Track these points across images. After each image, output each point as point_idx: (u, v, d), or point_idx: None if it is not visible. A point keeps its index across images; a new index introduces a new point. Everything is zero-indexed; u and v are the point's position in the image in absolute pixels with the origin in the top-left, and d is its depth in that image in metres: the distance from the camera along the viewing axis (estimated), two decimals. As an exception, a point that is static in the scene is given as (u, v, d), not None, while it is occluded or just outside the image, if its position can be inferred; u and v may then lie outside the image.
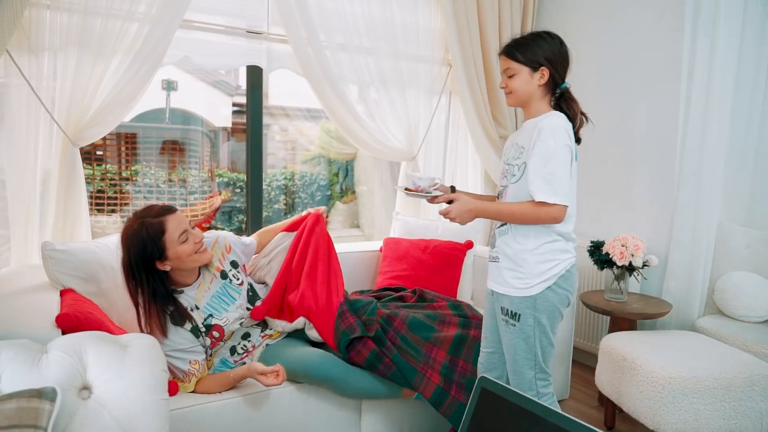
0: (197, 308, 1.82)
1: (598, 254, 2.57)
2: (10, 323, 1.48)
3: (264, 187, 3.45)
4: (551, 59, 1.60)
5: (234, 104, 5.53)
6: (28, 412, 0.87)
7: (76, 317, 1.52)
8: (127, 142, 4.88)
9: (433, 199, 1.71)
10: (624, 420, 2.42)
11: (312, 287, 1.98)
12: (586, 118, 1.69)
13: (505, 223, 1.65)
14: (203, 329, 1.81)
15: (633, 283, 2.71)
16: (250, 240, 2.13)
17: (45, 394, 0.92)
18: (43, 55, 2.12)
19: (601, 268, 2.59)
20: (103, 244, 2.05)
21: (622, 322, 2.51)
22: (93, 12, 2.14)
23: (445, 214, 1.61)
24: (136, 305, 1.71)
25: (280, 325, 2.00)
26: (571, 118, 1.63)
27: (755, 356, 2.13)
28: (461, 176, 3.30)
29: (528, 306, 1.60)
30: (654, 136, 2.83)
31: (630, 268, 2.51)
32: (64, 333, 1.49)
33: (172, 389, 1.67)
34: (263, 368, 1.70)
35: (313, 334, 1.96)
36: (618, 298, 2.55)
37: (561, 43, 1.64)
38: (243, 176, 5.04)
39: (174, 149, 5.12)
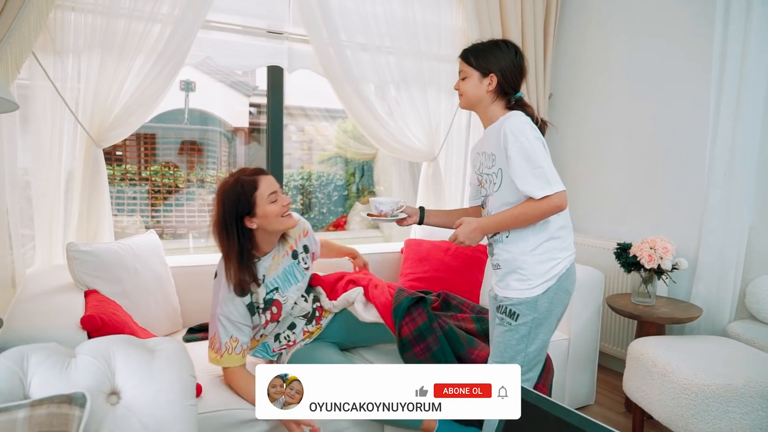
0: (263, 282, 1.80)
1: (625, 257, 2.51)
2: (36, 324, 1.48)
3: (282, 186, 3.44)
4: (503, 68, 1.62)
5: (251, 104, 5.55)
6: (59, 418, 0.86)
7: (100, 319, 1.52)
8: (146, 142, 4.92)
9: (401, 222, 1.78)
10: (653, 427, 2.36)
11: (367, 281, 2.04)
12: (546, 124, 1.70)
13: (497, 233, 1.64)
14: (262, 305, 1.80)
15: (661, 286, 2.65)
16: (319, 239, 2.13)
17: (75, 400, 0.90)
18: (67, 57, 2.13)
19: (628, 271, 2.53)
20: (126, 245, 2.05)
21: (650, 326, 2.44)
22: (116, 13, 2.15)
23: (453, 239, 1.60)
24: (226, 259, 1.74)
25: (328, 303, 2.00)
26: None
27: (792, 363, 2.06)
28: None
29: (528, 307, 1.59)
30: (683, 134, 2.76)
31: (658, 272, 2.45)
32: (89, 334, 1.49)
33: (196, 391, 1.65)
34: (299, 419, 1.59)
35: (360, 309, 1.93)
36: (645, 301, 2.49)
37: (516, 53, 1.65)
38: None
39: (192, 149, 5.15)
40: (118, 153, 4.70)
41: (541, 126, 1.66)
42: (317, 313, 2.00)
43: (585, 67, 3.24)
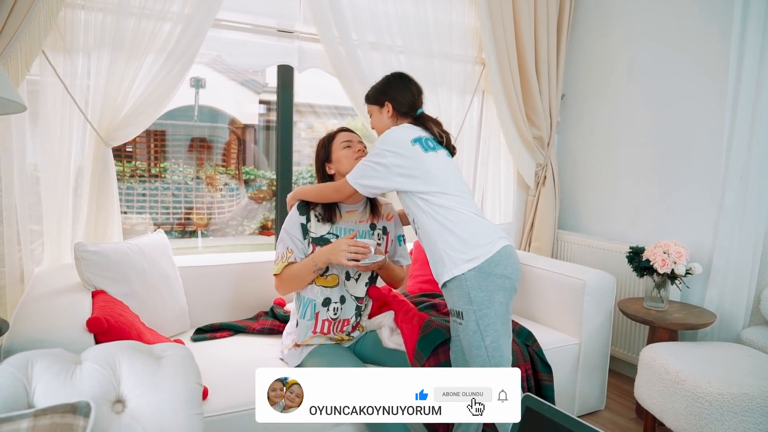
0: (333, 224, 1.92)
1: (638, 261, 2.47)
2: (42, 327, 1.47)
3: (291, 184, 3.42)
4: (392, 95, 1.83)
5: (261, 102, 5.54)
6: (63, 429, 0.84)
7: (107, 321, 1.51)
8: (156, 139, 4.93)
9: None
10: (664, 434, 2.32)
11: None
12: (447, 136, 1.85)
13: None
14: (317, 236, 1.89)
15: (674, 291, 2.60)
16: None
17: (79, 409, 0.89)
18: (77, 56, 2.12)
19: (641, 276, 2.49)
20: (134, 244, 2.04)
21: (662, 332, 2.40)
22: (126, 12, 2.14)
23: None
24: None
25: (366, 320, 2.04)
26: (433, 134, 1.81)
27: (808, 372, 2.01)
28: (493, 177, 3.22)
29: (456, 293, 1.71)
30: (697, 137, 2.71)
31: (672, 276, 2.40)
32: (95, 336, 1.48)
33: (203, 394, 1.64)
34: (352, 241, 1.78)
35: (386, 335, 1.98)
36: (658, 306, 2.45)
37: (401, 77, 1.87)
38: (266, 173, 5.04)
39: (202, 146, 5.15)
40: (128, 149, 4.72)
41: (447, 139, 1.82)
42: (358, 320, 2.00)
43: (598, 68, 3.19)
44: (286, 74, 2.73)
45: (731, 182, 2.48)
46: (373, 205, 2.00)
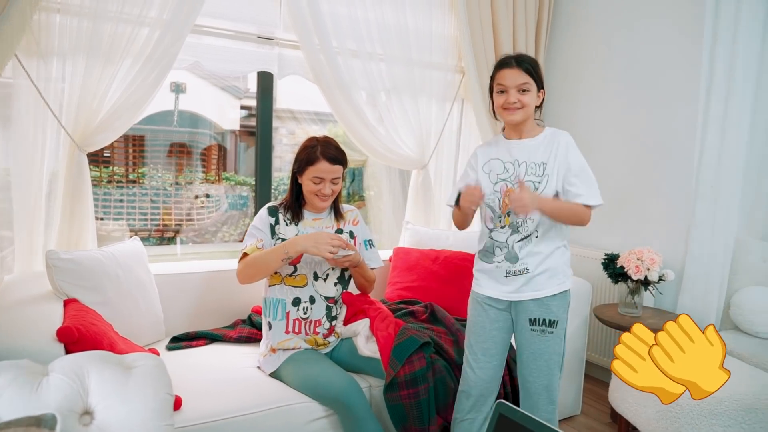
0: (297, 225, 1.96)
1: (613, 267, 2.52)
2: (12, 336, 1.44)
3: (271, 190, 3.40)
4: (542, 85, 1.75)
5: (242, 107, 5.51)
6: (27, 442, 0.83)
7: (78, 330, 1.48)
8: (135, 144, 4.87)
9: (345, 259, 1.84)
10: (638, 439, 2.36)
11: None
12: None
13: (528, 235, 1.71)
14: (284, 239, 1.91)
15: (647, 297, 2.65)
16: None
17: (44, 422, 0.87)
18: (52, 60, 2.09)
19: (616, 282, 2.53)
20: (108, 252, 2.02)
21: (637, 338, 2.44)
22: (103, 16, 2.11)
23: (515, 201, 1.58)
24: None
25: (341, 326, 2.04)
26: None
27: (775, 376, 2.06)
28: (472, 185, 3.25)
29: (561, 303, 1.74)
30: (671, 147, 2.77)
31: (645, 283, 2.45)
32: (66, 346, 1.45)
33: (176, 404, 1.62)
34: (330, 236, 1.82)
35: (361, 343, 1.97)
36: (632, 312, 2.49)
37: None
38: (248, 179, 5.00)
39: (182, 152, 5.10)
40: (106, 154, 4.65)
41: None
42: (332, 323, 2.00)
43: (575, 76, 3.24)
44: (265, 81, 2.73)
45: (702, 191, 2.54)
46: (336, 211, 2.05)
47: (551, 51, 3.34)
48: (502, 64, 1.73)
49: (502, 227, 1.76)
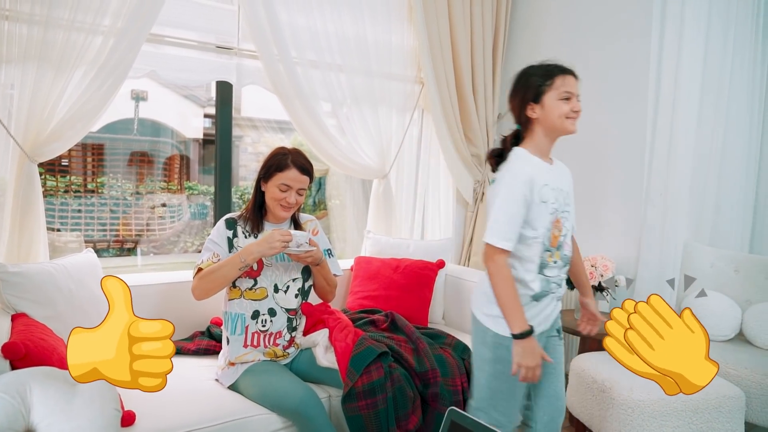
0: (255, 237, 1.95)
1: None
2: (-47, 353, 1.39)
3: (235, 199, 3.37)
4: None
5: (206, 115, 5.43)
6: (-39, 463, 0.80)
7: (25, 345, 1.44)
8: (93, 153, 4.75)
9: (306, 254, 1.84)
10: (594, 441, 2.41)
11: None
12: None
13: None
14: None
15: (602, 303, 2.72)
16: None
17: (-19, 442, 0.85)
18: (0, 67, 2.03)
19: (571, 288, 2.59)
20: (60, 264, 1.96)
21: (592, 342, 2.51)
22: (55, 24, 2.07)
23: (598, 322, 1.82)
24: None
25: (300, 337, 2.03)
26: None
27: (721, 377, 2.15)
28: (433, 193, 3.29)
29: None
30: (622, 155, 2.87)
31: (600, 288, 2.52)
32: (12, 363, 1.41)
33: (129, 419, 1.59)
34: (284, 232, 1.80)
35: (320, 353, 1.97)
36: (588, 317, 2.55)
37: None
38: (210, 188, 4.93)
39: (143, 161, 4.99)
40: (63, 163, 4.51)
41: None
42: (293, 335, 1.99)
43: (533, 88, 3.32)
44: (225, 90, 2.71)
45: (652, 199, 2.64)
46: (295, 222, 2.07)
47: (508, 60, 3.42)
48: (565, 70, 1.60)
49: (555, 262, 1.60)
